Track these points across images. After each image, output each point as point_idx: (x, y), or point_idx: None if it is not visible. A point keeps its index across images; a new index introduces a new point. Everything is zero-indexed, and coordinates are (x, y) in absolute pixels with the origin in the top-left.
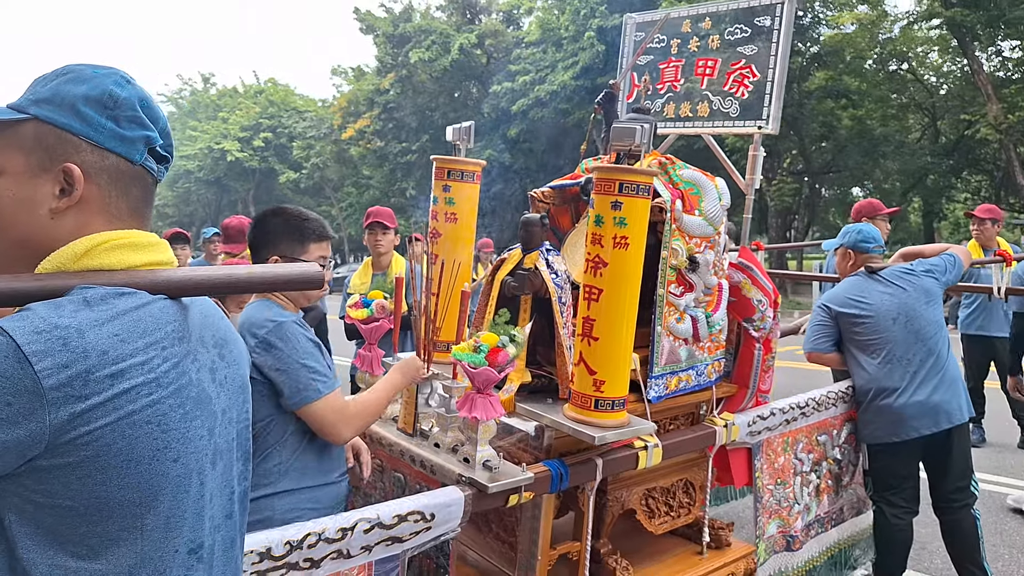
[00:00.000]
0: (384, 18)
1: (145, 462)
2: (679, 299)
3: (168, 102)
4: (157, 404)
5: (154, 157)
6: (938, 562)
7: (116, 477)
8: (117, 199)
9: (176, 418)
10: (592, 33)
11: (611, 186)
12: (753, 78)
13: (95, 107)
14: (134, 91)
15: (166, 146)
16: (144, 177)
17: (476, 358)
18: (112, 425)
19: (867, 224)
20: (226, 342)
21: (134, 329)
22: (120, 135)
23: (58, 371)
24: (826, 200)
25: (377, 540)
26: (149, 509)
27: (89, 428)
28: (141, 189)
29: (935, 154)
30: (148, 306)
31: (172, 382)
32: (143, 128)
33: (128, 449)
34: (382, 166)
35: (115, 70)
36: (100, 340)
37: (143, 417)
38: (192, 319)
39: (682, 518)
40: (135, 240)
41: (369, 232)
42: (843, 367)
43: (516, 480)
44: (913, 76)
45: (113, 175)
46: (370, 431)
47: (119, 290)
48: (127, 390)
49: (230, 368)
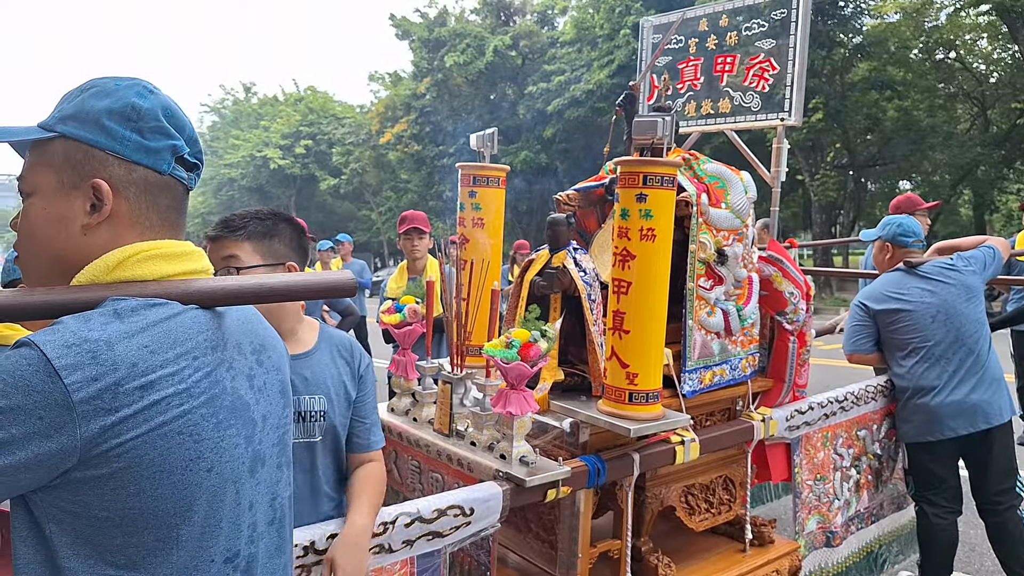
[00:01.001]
0: (419, 23)
1: (178, 472)
2: (709, 292)
3: (211, 112)
4: (189, 414)
5: (183, 165)
6: (988, 564)
7: (149, 488)
8: (147, 211)
9: (209, 427)
10: (627, 31)
11: (635, 179)
12: (773, 71)
13: (119, 120)
14: (157, 101)
15: (195, 153)
16: (174, 186)
17: (508, 353)
18: (143, 437)
19: (908, 217)
20: (264, 348)
21: (165, 340)
22: (145, 146)
23: (88, 384)
24: (872, 194)
25: (418, 534)
26: (184, 519)
27: (120, 440)
28: (171, 199)
29: (985, 144)
30: (179, 316)
31: (204, 392)
32: (168, 137)
33: (160, 460)
34: (420, 170)
35: (137, 81)
36: (130, 352)
37: (175, 428)
38: (228, 326)
39: (723, 515)
40: (168, 250)
41: (404, 237)
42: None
43: (553, 474)
44: (961, 65)
45: (142, 187)
46: (407, 433)
47: (150, 301)
48: (157, 401)
49: (269, 374)
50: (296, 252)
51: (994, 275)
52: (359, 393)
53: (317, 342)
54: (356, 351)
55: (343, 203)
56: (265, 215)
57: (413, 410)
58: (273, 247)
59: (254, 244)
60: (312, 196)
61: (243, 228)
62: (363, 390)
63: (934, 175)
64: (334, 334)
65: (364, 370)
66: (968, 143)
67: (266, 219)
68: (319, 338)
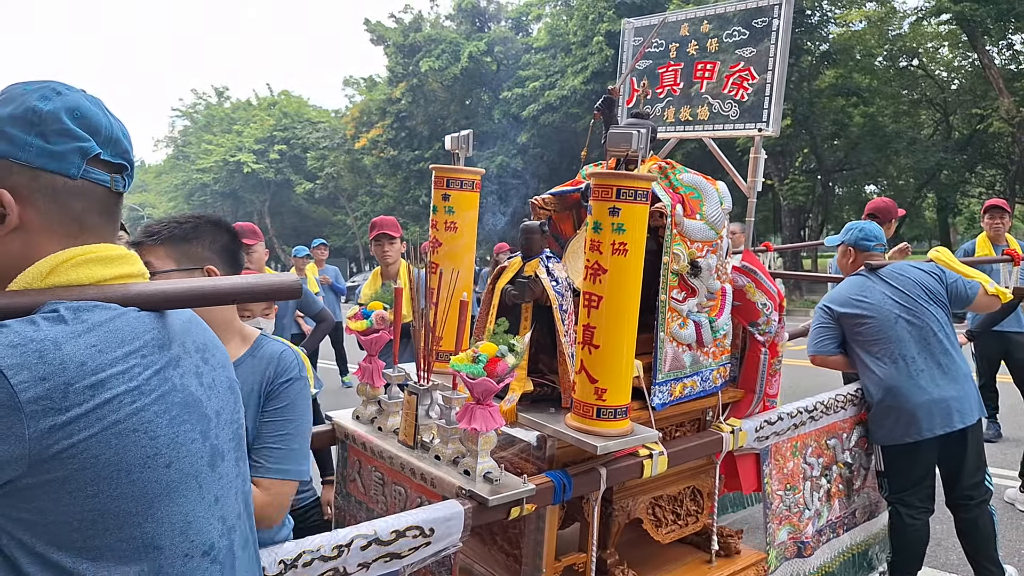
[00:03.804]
0: (394, 28)
1: (136, 470)
2: (681, 304)
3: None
4: (142, 411)
5: (102, 167)
6: (953, 558)
7: (108, 488)
8: (61, 217)
9: (163, 424)
10: (601, 38)
11: (608, 192)
12: (752, 80)
13: (20, 126)
14: (62, 102)
15: (118, 153)
16: (91, 190)
17: (475, 368)
18: (97, 436)
19: (869, 222)
20: (207, 347)
21: (112, 339)
22: (49, 151)
23: (35, 384)
24: (840, 198)
25: (375, 557)
26: (147, 517)
27: (73, 441)
28: (88, 203)
29: (948, 149)
30: (124, 316)
31: (155, 389)
32: (75, 140)
33: (117, 459)
34: (395, 174)
35: (47, 83)
36: (77, 352)
37: (129, 425)
38: (172, 326)
39: (690, 526)
40: (102, 254)
41: (376, 244)
42: (849, 369)
43: (517, 492)
44: (924, 72)
45: (49, 194)
46: (371, 444)
47: (91, 303)
48: (109, 400)
49: (216, 371)
50: (220, 255)
51: (958, 302)
52: (266, 409)
53: (243, 355)
54: (283, 367)
55: (318, 208)
56: (185, 219)
57: (379, 419)
58: (191, 251)
59: (168, 249)
60: (287, 201)
61: (158, 234)
62: (271, 406)
63: (899, 179)
64: (267, 348)
65: (281, 387)
66: (931, 148)
67: (185, 223)
68: (247, 351)
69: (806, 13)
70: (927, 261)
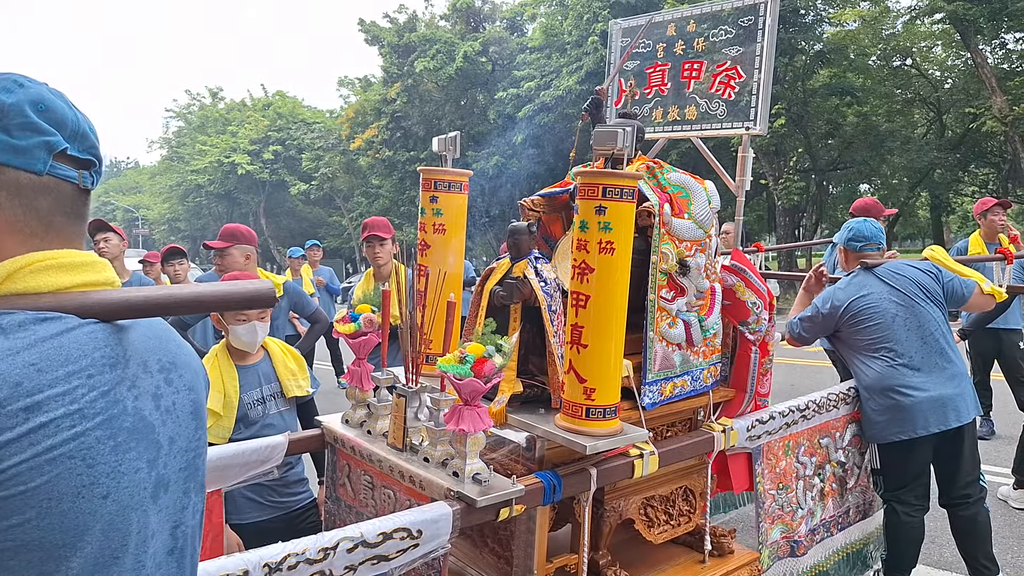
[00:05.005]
0: (389, 28)
1: (68, 500)
2: (670, 304)
3: (177, 117)
4: (81, 437)
5: (70, 163)
6: (948, 555)
7: (36, 518)
8: (24, 216)
9: (105, 451)
10: (595, 38)
11: (595, 191)
12: (739, 79)
13: None
14: (25, 94)
15: (86, 148)
16: (57, 187)
17: (462, 369)
18: (29, 462)
19: (861, 221)
20: (175, 366)
21: (55, 357)
22: (12, 146)
23: None
24: (834, 197)
25: (362, 559)
26: (74, 551)
27: (2, 467)
28: (53, 201)
29: (941, 148)
30: (73, 331)
31: (99, 412)
32: (40, 134)
33: (48, 487)
34: (391, 175)
35: (7, 75)
36: (13, 370)
37: (65, 451)
38: (132, 343)
39: (682, 526)
40: (65, 260)
41: (367, 245)
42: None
43: (506, 493)
44: (917, 71)
45: (13, 191)
46: (360, 447)
47: (41, 315)
48: (45, 424)
49: (179, 394)
50: None
51: (953, 301)
52: None
53: None
54: None
55: (313, 209)
56: None
57: (368, 422)
58: None
59: None
60: (282, 202)
61: None
62: None
63: (893, 178)
64: None
65: None
66: (925, 147)
67: None
68: None
69: (800, 12)
70: (922, 260)
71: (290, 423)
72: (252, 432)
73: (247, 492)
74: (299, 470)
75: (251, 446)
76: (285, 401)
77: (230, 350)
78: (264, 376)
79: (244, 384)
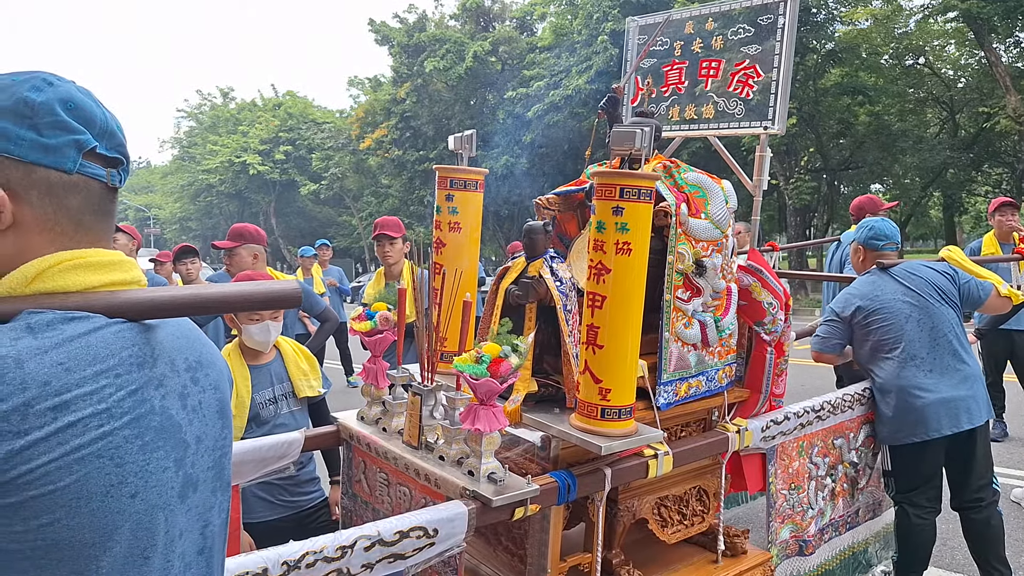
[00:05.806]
0: (398, 28)
1: (97, 499)
2: (686, 304)
3: (188, 117)
4: (109, 436)
5: (98, 161)
6: (959, 558)
7: (65, 517)
8: (55, 214)
9: (133, 450)
10: (605, 37)
11: (612, 191)
12: (758, 78)
13: (11, 118)
14: (55, 93)
15: (114, 147)
16: (86, 185)
17: (478, 369)
18: (58, 461)
19: (882, 220)
20: (201, 365)
21: (83, 356)
22: (43, 144)
23: None
24: (845, 197)
25: (379, 558)
26: (104, 550)
27: (31, 466)
28: (83, 199)
29: (954, 148)
30: (101, 331)
31: (127, 412)
32: (70, 132)
33: (77, 486)
34: (400, 175)
35: (36, 73)
36: (42, 370)
37: (93, 451)
38: (159, 342)
39: (696, 526)
40: (94, 259)
41: (377, 244)
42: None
43: (521, 493)
44: (930, 70)
45: (44, 189)
46: (376, 445)
47: (69, 314)
48: (74, 423)
49: (205, 393)
50: None
51: (969, 303)
52: None
53: None
54: None
55: (323, 208)
56: None
57: (383, 420)
58: None
59: None
60: (292, 201)
61: None
62: None
63: (905, 178)
64: None
65: None
66: (937, 147)
67: None
68: None
69: (812, 11)
70: (939, 260)
71: (301, 423)
72: (263, 432)
73: (258, 491)
74: (311, 469)
75: (267, 442)
76: (297, 401)
77: (242, 349)
78: (276, 376)
79: (256, 384)
